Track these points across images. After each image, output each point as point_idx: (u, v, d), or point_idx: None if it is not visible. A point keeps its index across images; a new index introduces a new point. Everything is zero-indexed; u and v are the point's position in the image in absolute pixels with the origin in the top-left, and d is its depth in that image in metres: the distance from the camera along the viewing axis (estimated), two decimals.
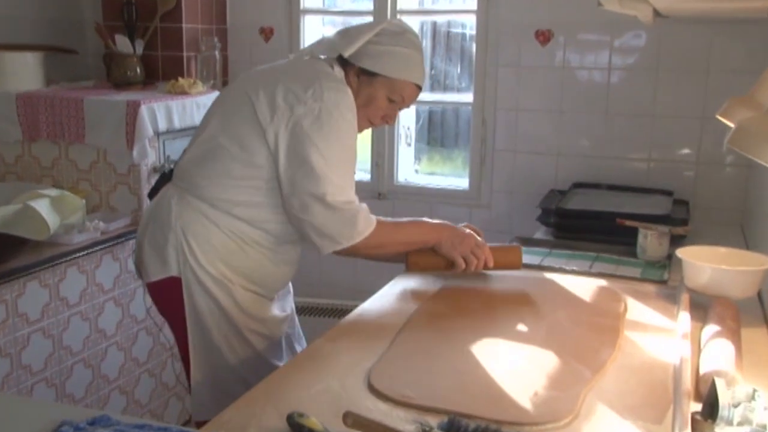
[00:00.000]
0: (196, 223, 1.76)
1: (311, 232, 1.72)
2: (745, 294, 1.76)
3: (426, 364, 1.45)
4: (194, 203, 1.77)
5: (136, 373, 2.87)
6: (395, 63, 1.79)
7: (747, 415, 1.15)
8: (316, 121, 1.67)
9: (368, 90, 1.80)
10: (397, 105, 1.85)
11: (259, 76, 1.80)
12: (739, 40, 2.68)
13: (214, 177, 1.76)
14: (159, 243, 1.78)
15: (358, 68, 1.80)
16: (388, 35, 1.80)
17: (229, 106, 1.78)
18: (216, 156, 1.76)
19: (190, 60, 3.18)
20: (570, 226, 2.47)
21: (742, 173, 2.77)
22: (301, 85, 1.71)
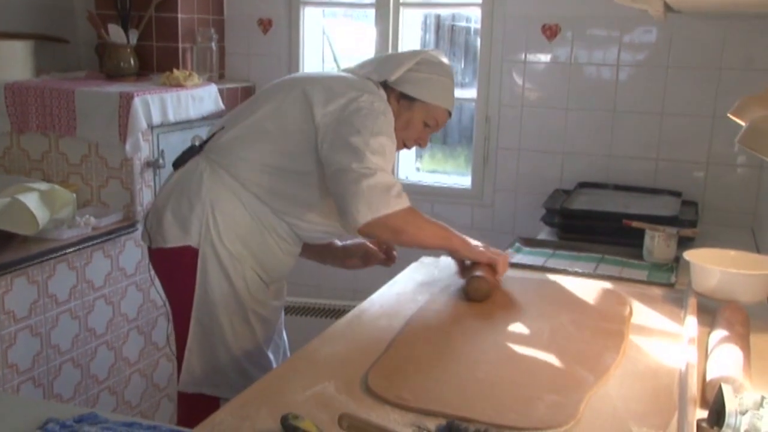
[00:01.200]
0: (225, 199, 1.82)
1: (347, 205, 1.71)
2: (754, 299, 1.73)
3: (424, 367, 1.44)
4: (227, 180, 1.83)
5: (127, 374, 2.81)
6: (433, 90, 1.92)
7: (755, 423, 1.14)
8: (363, 116, 1.77)
9: (407, 114, 1.92)
10: (430, 129, 1.97)
11: (314, 77, 1.97)
12: (754, 37, 2.61)
13: (252, 160, 1.83)
14: (183, 211, 1.83)
15: (399, 93, 1.91)
16: (427, 64, 1.93)
17: (284, 97, 1.86)
18: (258, 139, 1.84)
19: (185, 51, 3.11)
20: (575, 226, 2.42)
21: (754, 174, 2.69)
22: (353, 90, 1.82)
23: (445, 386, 1.34)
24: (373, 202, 1.70)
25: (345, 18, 3.64)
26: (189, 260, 1.83)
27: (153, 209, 1.92)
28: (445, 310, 1.75)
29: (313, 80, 1.91)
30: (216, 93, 2.99)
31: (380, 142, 1.75)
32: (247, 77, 3.31)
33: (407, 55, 1.97)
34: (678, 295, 1.88)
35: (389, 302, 1.79)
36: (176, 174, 1.93)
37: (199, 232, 1.82)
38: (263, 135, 1.85)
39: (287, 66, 3.27)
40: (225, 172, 1.84)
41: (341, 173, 1.72)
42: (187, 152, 1.95)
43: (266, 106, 1.87)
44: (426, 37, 3.64)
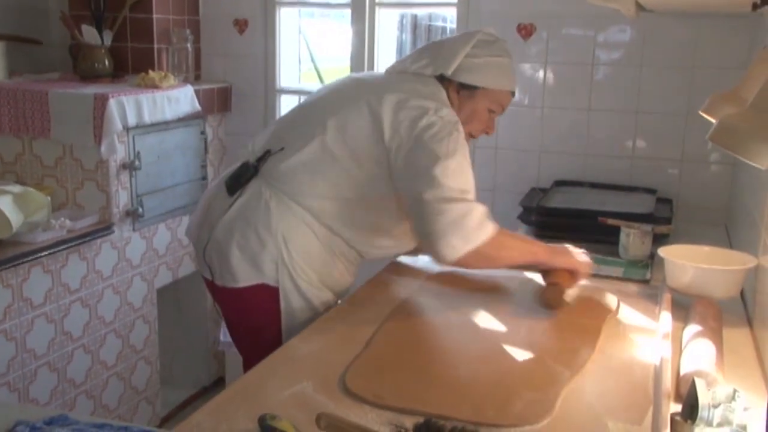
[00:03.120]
0: (297, 230, 1.74)
1: (432, 239, 1.65)
2: (727, 294, 1.75)
3: (402, 366, 1.44)
4: (296, 210, 1.74)
5: (104, 377, 2.78)
6: (493, 74, 1.80)
7: (727, 416, 1.16)
8: (435, 135, 1.67)
9: (470, 104, 1.81)
10: (495, 114, 1.86)
11: (377, 83, 1.82)
12: (725, 36, 2.63)
13: (322, 190, 1.74)
14: (253, 247, 1.72)
15: (458, 84, 1.79)
16: (482, 46, 1.80)
17: (347, 112, 1.75)
18: (327, 168, 1.74)
19: (161, 52, 3.09)
20: (551, 224, 2.43)
21: (727, 171, 2.72)
22: (421, 99, 1.72)
23: (422, 384, 1.35)
24: (460, 237, 1.63)
25: (321, 18, 3.63)
26: (265, 298, 1.74)
27: (213, 241, 1.77)
28: (422, 309, 1.75)
29: (377, 88, 1.77)
30: (192, 94, 2.97)
31: (457, 162, 1.66)
32: (223, 78, 3.29)
33: (461, 40, 1.83)
34: (653, 291, 1.90)
35: (366, 301, 1.79)
36: (237, 203, 1.77)
37: (275, 269, 1.73)
38: (332, 162, 1.73)
39: (263, 66, 3.26)
40: (293, 202, 1.74)
41: (421, 205, 1.65)
42: (242, 173, 1.80)
43: (330, 124, 1.74)
44: (402, 37, 3.66)
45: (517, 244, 1.77)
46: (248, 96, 3.28)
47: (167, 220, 3.01)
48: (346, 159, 1.73)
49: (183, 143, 3.04)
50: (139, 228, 2.85)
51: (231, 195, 1.78)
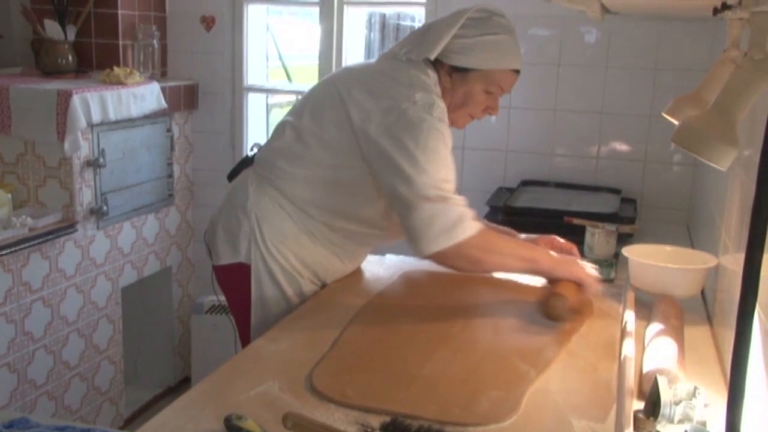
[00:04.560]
0: (271, 212, 1.77)
1: (409, 234, 1.64)
2: (688, 293, 1.78)
3: (369, 365, 1.44)
4: (272, 193, 1.78)
5: (67, 378, 2.74)
6: (486, 54, 1.71)
7: (688, 413, 1.18)
8: (407, 125, 1.63)
9: (463, 87, 1.74)
10: (496, 95, 1.78)
11: (354, 75, 1.79)
12: (687, 39, 2.68)
13: (296, 175, 1.76)
14: (232, 228, 1.80)
15: (449, 66, 1.73)
16: (473, 25, 1.72)
17: (321, 104, 1.76)
18: (301, 155, 1.75)
19: (126, 48, 3.05)
20: (518, 223, 2.42)
21: (689, 172, 2.77)
22: (395, 89, 1.68)
23: (389, 384, 1.34)
24: (435, 233, 1.59)
25: (289, 16, 3.62)
26: (243, 277, 1.78)
27: (210, 224, 1.88)
28: (389, 308, 1.75)
29: (352, 78, 1.76)
30: (158, 91, 2.93)
31: (429, 153, 1.62)
32: (190, 75, 3.26)
33: (448, 21, 1.74)
34: (617, 290, 1.91)
35: (333, 300, 1.78)
36: (229, 187, 1.88)
37: (248, 248, 1.77)
38: (303, 148, 1.75)
39: (231, 64, 3.23)
40: (271, 187, 1.78)
41: (395, 199, 1.64)
42: (241, 163, 1.89)
43: (306, 112, 1.77)
44: (371, 36, 3.65)
45: (510, 249, 1.71)
46: (215, 93, 3.26)
47: (132, 218, 2.97)
48: (315, 144, 1.73)
49: (149, 141, 3.00)
50: (103, 226, 2.81)
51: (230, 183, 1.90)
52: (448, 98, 1.74)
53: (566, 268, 1.73)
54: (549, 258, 1.74)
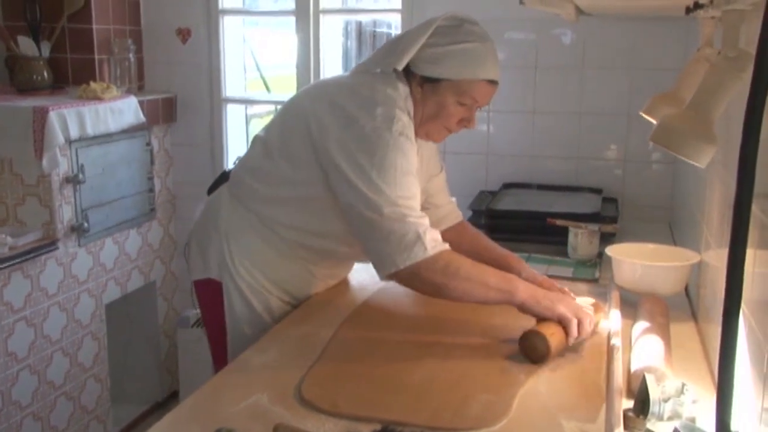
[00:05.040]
0: (241, 230, 1.76)
1: (367, 254, 1.60)
2: (673, 290, 1.79)
3: (358, 373, 1.43)
4: (242, 211, 1.76)
5: (52, 398, 2.71)
6: (456, 63, 1.63)
7: (677, 410, 1.20)
8: (364, 141, 1.57)
9: (435, 99, 1.66)
10: (472, 107, 1.69)
11: (320, 89, 1.76)
12: (661, 38, 2.71)
13: (264, 194, 1.73)
14: (204, 243, 1.80)
15: (420, 77, 1.66)
16: (443, 33, 1.64)
17: (288, 119, 1.73)
18: (269, 172, 1.72)
19: (102, 63, 3.03)
20: (501, 226, 2.45)
21: (668, 170, 2.80)
22: (355, 103, 1.61)
23: (379, 391, 1.34)
24: (389, 253, 1.52)
25: (265, 27, 3.62)
26: (214, 293, 1.78)
27: (188, 237, 1.89)
28: (376, 316, 1.75)
29: (318, 92, 1.73)
30: (136, 105, 2.92)
31: (386, 170, 1.54)
32: (167, 88, 3.24)
33: (417, 30, 1.67)
34: (602, 289, 1.92)
35: (319, 310, 1.78)
36: (205, 202, 1.88)
37: (218, 265, 1.76)
38: (271, 165, 1.71)
39: (208, 75, 3.22)
40: (239, 204, 1.76)
41: (352, 218, 1.59)
42: (220, 177, 1.88)
43: (274, 128, 1.76)
44: (347, 44, 3.66)
45: (480, 276, 1.56)
46: (194, 106, 3.24)
47: (114, 234, 2.95)
48: (284, 163, 1.70)
49: (128, 155, 2.98)
50: (85, 243, 2.79)
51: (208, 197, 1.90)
52: (420, 110, 1.68)
53: (547, 305, 1.54)
54: (528, 291, 1.56)
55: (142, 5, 3.22)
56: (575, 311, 1.52)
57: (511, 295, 1.55)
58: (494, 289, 1.55)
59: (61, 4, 2.93)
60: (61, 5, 2.93)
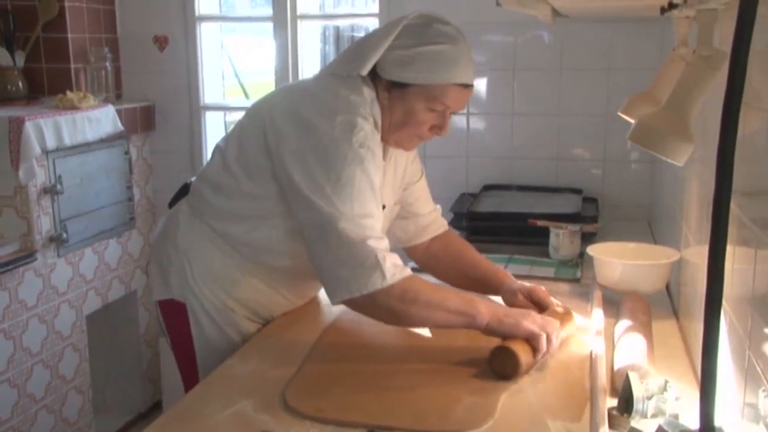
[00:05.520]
0: (201, 248, 1.62)
1: (319, 275, 1.47)
2: (654, 288, 1.80)
3: (341, 379, 1.43)
4: (201, 227, 1.63)
5: (33, 411, 2.68)
6: (424, 66, 1.51)
7: (660, 407, 1.21)
8: (321, 152, 1.45)
9: (403, 105, 1.54)
10: (444, 113, 1.56)
11: (282, 95, 1.63)
12: (636, 38, 2.73)
13: (223, 209, 1.61)
14: (163, 262, 1.67)
15: (387, 82, 1.54)
16: (410, 34, 1.52)
17: (248, 127, 1.60)
18: (227, 185, 1.59)
19: (78, 72, 3.01)
20: (482, 228, 2.46)
21: (647, 169, 2.82)
22: (315, 111, 1.50)
23: (363, 396, 1.34)
24: (345, 279, 1.40)
25: (243, 33, 3.61)
26: (178, 313, 1.65)
27: (149, 254, 1.77)
28: (359, 320, 1.73)
29: (280, 98, 1.61)
30: (114, 114, 2.90)
31: (344, 187, 1.42)
32: (145, 96, 3.23)
33: (384, 30, 1.55)
34: (584, 289, 1.94)
35: (302, 316, 1.76)
36: (164, 217, 1.75)
37: (180, 285, 1.63)
38: (229, 177, 1.59)
39: (186, 83, 3.21)
40: (198, 219, 1.63)
41: (306, 236, 1.47)
42: (181, 190, 1.74)
43: (233, 137, 1.62)
44: (326, 49, 3.65)
45: (441, 300, 1.46)
46: (172, 114, 3.22)
47: (94, 244, 2.93)
48: (242, 175, 1.57)
49: (107, 164, 2.96)
50: (64, 254, 2.76)
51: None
52: (388, 117, 1.56)
53: (511, 324, 1.45)
54: (490, 312, 1.46)
55: (118, 13, 3.20)
56: (541, 326, 1.45)
57: (473, 319, 1.45)
58: (455, 314, 1.46)
59: (35, 14, 2.91)
60: (35, 14, 2.91)
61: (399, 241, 1.85)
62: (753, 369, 1.00)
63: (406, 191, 1.80)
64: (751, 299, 1.03)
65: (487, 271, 1.78)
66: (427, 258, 1.87)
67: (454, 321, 1.47)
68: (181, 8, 3.16)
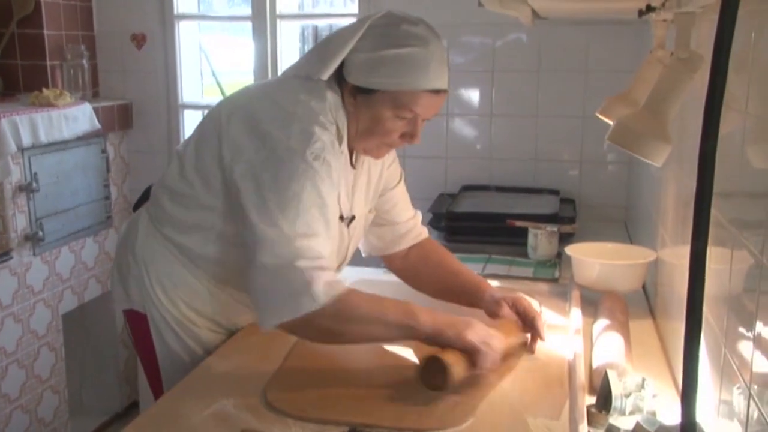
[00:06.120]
0: (160, 258, 1.55)
1: (250, 297, 1.38)
2: (631, 287, 1.83)
3: (321, 378, 1.43)
4: (159, 237, 1.56)
5: (7, 411, 2.64)
6: (390, 71, 1.39)
7: (638, 404, 1.23)
8: (271, 165, 1.35)
9: (369, 111, 1.43)
10: (414, 120, 1.45)
11: (242, 99, 1.51)
12: (614, 41, 2.76)
13: (181, 220, 1.52)
14: (123, 271, 1.60)
15: (352, 86, 1.43)
16: (375, 36, 1.41)
17: (205, 132, 1.49)
18: (184, 195, 1.51)
19: (54, 69, 2.98)
20: (461, 229, 2.48)
21: (623, 171, 2.85)
22: (272, 118, 1.39)
23: (344, 395, 1.35)
24: (275, 303, 1.31)
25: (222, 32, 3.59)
26: (141, 323, 1.59)
27: (112, 264, 1.68)
28: None
29: (239, 102, 1.49)
30: (91, 112, 2.87)
31: (289, 203, 1.32)
32: (123, 94, 3.20)
33: (349, 31, 1.44)
34: (562, 288, 1.96)
35: None
36: (125, 225, 1.68)
37: (141, 296, 1.57)
38: (186, 185, 1.50)
39: (165, 82, 3.19)
40: (156, 228, 1.56)
41: (247, 251, 1.36)
42: (145, 193, 1.67)
43: (192, 142, 1.52)
44: (304, 48, 3.65)
45: (378, 314, 1.37)
46: (150, 112, 3.20)
47: (70, 242, 2.90)
48: (199, 184, 1.48)
49: (83, 163, 2.94)
50: (40, 252, 2.73)
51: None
52: (355, 124, 1.47)
53: (453, 335, 1.36)
54: (431, 323, 1.36)
55: (95, 11, 3.17)
56: (483, 339, 1.36)
57: (413, 330, 1.36)
58: (394, 326, 1.36)
59: (10, 9, 2.87)
60: (10, 10, 2.87)
61: (375, 249, 1.79)
62: (729, 367, 1.02)
63: (382, 197, 1.72)
64: (727, 299, 1.05)
65: (468, 281, 1.70)
66: (405, 268, 1.79)
67: (395, 334, 1.39)
68: (159, 6, 3.14)
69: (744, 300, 0.98)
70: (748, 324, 0.93)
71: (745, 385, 0.92)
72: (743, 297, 0.99)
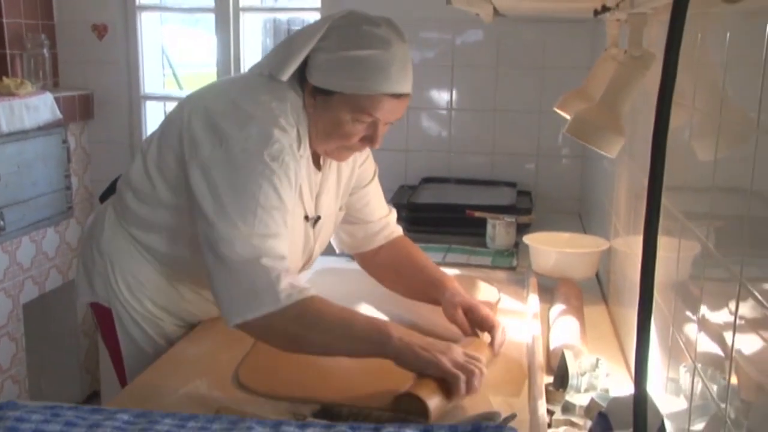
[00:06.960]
0: (125, 255, 1.54)
1: (214, 297, 1.35)
2: (585, 275, 1.90)
3: (293, 359, 1.42)
4: (123, 234, 1.55)
5: None
6: (349, 74, 1.36)
7: (592, 382, 1.29)
8: (226, 165, 1.33)
9: (328, 114, 1.40)
10: (375, 123, 1.42)
11: (205, 96, 1.47)
12: (570, 39, 2.85)
13: (145, 218, 1.51)
14: (88, 265, 1.59)
15: (312, 87, 1.40)
16: (336, 36, 1.37)
17: (168, 129, 1.46)
18: (146, 193, 1.49)
19: (14, 58, 2.95)
20: (422, 219, 2.52)
21: (577, 164, 2.94)
22: (231, 118, 1.36)
23: (314, 376, 1.37)
24: (236, 301, 1.29)
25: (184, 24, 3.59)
26: (105, 316, 1.58)
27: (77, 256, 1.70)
28: None
29: (202, 100, 1.45)
30: (52, 101, 2.85)
31: (246, 203, 1.31)
32: (84, 85, 3.18)
33: (310, 31, 1.40)
34: (520, 276, 2.02)
35: None
36: (91, 217, 1.66)
37: (105, 290, 1.56)
38: (148, 182, 1.48)
39: (126, 72, 3.18)
40: (121, 225, 1.55)
41: (203, 252, 1.34)
42: (112, 184, 1.63)
43: (155, 138, 1.50)
44: (267, 42, 3.67)
45: (344, 328, 1.31)
46: (111, 103, 3.19)
47: (31, 232, 2.88)
48: (160, 181, 1.47)
49: (44, 152, 2.92)
50: (0, 242, 2.71)
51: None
52: (314, 126, 1.44)
53: (428, 360, 1.26)
54: (404, 342, 1.28)
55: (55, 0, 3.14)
56: (462, 366, 1.25)
57: (382, 347, 1.28)
58: (361, 340, 1.30)
59: None
60: None
61: (346, 246, 1.79)
62: (676, 346, 1.09)
63: (354, 195, 1.70)
64: (675, 284, 1.12)
65: (430, 278, 1.66)
66: (375, 266, 1.77)
67: (362, 348, 1.31)
68: None
69: (690, 286, 1.04)
70: (694, 307, 0.99)
71: (692, 362, 0.99)
72: (689, 283, 1.05)
